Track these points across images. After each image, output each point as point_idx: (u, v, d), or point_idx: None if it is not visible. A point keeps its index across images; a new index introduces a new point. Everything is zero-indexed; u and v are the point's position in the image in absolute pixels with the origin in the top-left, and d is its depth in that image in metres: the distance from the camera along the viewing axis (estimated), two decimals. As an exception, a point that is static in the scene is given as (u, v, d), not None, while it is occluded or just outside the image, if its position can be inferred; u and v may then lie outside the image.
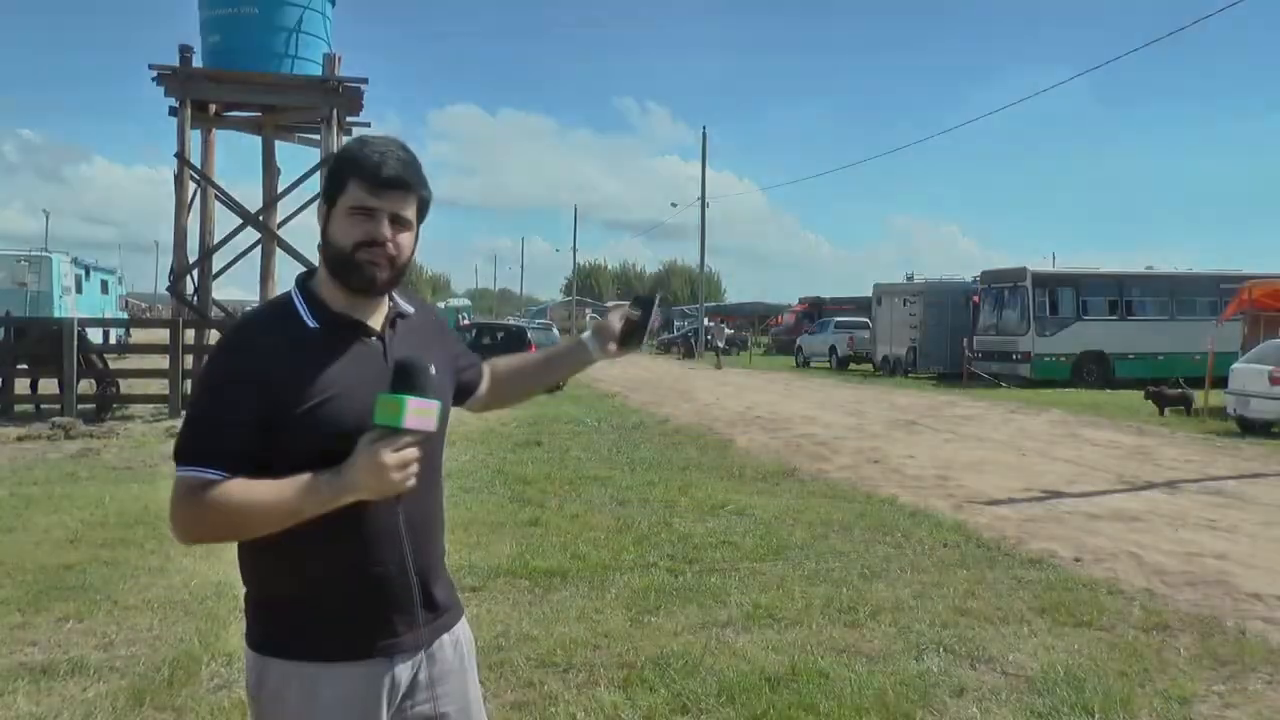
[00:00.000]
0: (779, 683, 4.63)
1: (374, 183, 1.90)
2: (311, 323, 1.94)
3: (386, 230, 1.92)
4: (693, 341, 46.64)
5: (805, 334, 41.04)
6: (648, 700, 4.42)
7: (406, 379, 1.81)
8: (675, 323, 56.26)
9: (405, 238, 1.97)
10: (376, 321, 2.00)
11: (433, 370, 1.86)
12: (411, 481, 1.82)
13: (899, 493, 9.90)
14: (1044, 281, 27.19)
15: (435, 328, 2.20)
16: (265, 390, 1.85)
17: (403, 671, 1.98)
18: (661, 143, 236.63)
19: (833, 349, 36.78)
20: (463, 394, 2.30)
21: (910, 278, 33.99)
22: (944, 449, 13.73)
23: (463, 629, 2.16)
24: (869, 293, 34.48)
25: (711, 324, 49.31)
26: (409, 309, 2.09)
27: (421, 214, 2.03)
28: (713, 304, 65.92)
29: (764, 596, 6.04)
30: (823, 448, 13.64)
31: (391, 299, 2.07)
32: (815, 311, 46.50)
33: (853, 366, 35.21)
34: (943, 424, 17.07)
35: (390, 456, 1.78)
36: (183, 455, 1.87)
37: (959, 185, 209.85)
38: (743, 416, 17.86)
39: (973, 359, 27.94)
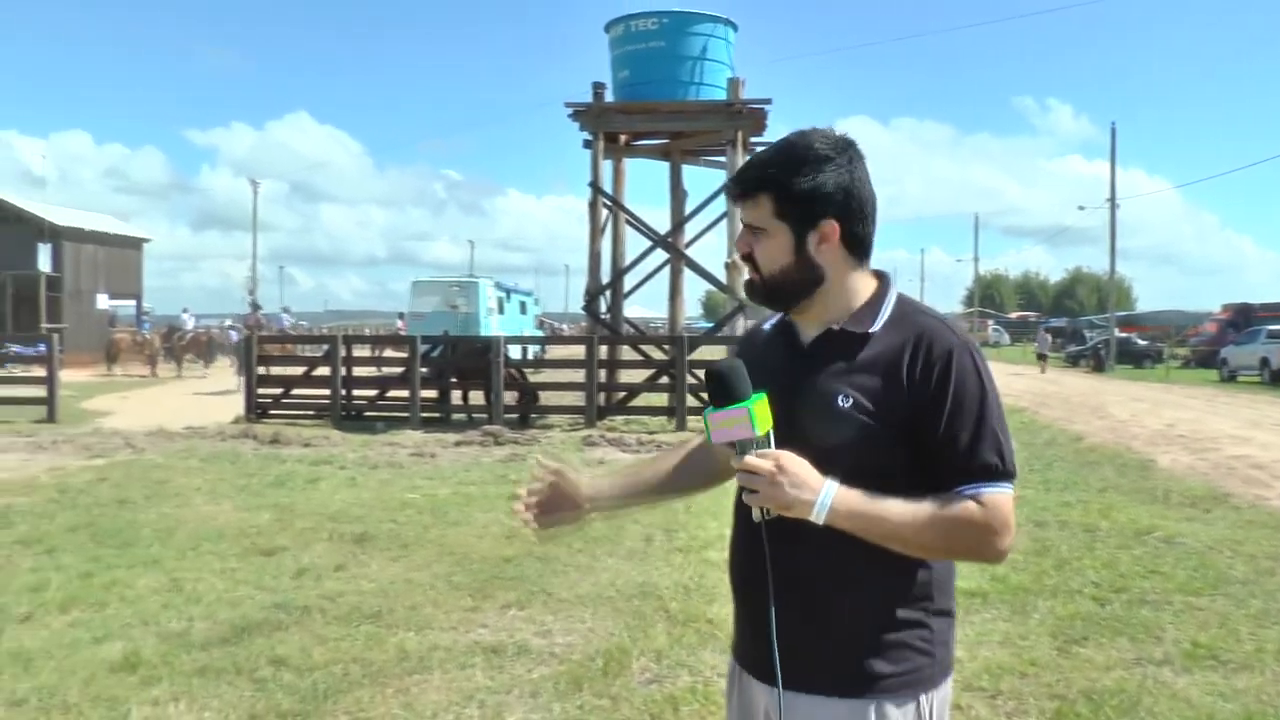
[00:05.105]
0: (1233, 731, 4.20)
1: (730, 198, 1.91)
2: (768, 328, 2.06)
3: (742, 243, 1.90)
4: (1102, 353, 43.70)
5: (1230, 344, 37.17)
6: (1083, 735, 4.18)
7: (711, 388, 1.75)
8: (1085, 333, 53.00)
9: (763, 246, 1.86)
10: (809, 333, 1.93)
11: (740, 371, 1.75)
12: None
13: (1362, 527, 8.70)
14: None
15: (891, 358, 1.81)
16: None
17: (770, 698, 1.86)
18: (1064, 142, 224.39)
19: (1264, 361, 32.89)
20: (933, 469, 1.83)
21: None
22: None
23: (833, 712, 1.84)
24: (1307, 299, 30.70)
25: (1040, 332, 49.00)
26: (870, 329, 1.84)
27: (784, 213, 1.83)
28: (1123, 313, 61.19)
29: (1204, 635, 5.50)
30: (1260, 471, 12.23)
31: (867, 314, 1.86)
32: (1241, 319, 41.93)
33: (1287, 381, 31.46)
34: None
35: (735, 465, 1.74)
36: None
37: None
38: (1163, 435, 16.40)
39: None
